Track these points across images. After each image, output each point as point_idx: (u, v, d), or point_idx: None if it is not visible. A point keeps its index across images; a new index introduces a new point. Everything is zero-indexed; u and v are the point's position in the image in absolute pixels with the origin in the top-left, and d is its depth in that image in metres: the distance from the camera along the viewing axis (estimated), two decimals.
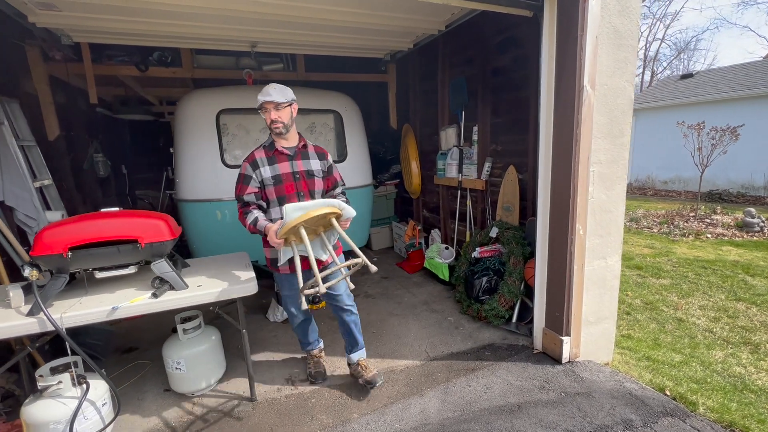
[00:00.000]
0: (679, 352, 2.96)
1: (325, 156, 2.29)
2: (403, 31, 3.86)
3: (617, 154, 2.47)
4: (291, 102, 2.11)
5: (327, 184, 2.30)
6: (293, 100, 2.12)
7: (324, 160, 2.27)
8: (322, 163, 2.26)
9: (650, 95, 13.41)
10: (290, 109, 2.12)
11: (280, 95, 2.04)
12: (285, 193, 2.14)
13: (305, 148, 2.23)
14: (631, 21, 2.30)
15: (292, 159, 2.17)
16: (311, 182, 2.19)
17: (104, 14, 2.92)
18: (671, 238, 6.33)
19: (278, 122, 2.07)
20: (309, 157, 2.22)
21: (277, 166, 2.14)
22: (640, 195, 11.66)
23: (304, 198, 2.15)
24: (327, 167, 2.28)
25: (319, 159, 2.25)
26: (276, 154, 2.15)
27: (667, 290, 4.22)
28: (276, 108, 2.05)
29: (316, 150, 2.28)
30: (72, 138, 4.32)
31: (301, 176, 2.17)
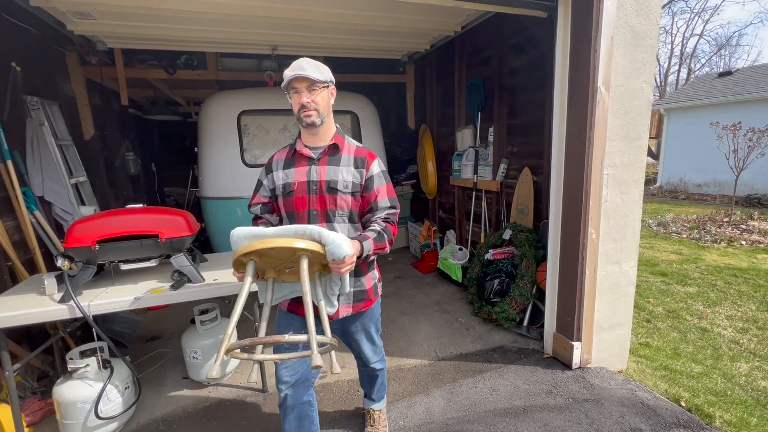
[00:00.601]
0: (700, 363, 2.85)
1: (367, 163, 1.59)
2: (419, 32, 3.89)
3: (634, 157, 2.41)
4: (329, 83, 1.54)
5: (361, 204, 1.60)
6: (332, 82, 1.55)
7: (362, 168, 1.57)
8: (358, 172, 1.57)
9: (684, 94, 12.80)
10: (327, 92, 1.54)
11: (315, 71, 1.47)
12: (295, 209, 1.57)
13: (336, 150, 1.58)
14: (649, 21, 2.24)
15: (314, 163, 1.57)
16: (331, 199, 1.54)
17: (136, 22, 3.10)
18: (701, 244, 6.05)
19: (310, 108, 1.49)
20: (339, 162, 1.57)
21: (293, 170, 1.58)
22: (671, 198, 11.17)
23: (317, 220, 1.55)
24: (366, 179, 1.57)
25: (354, 167, 1.57)
26: (296, 155, 1.60)
27: (692, 298, 4.05)
28: (309, 88, 1.48)
29: (356, 154, 1.60)
30: (105, 137, 4.59)
31: (318, 188, 1.54)
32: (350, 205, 1.57)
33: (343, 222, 1.58)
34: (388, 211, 1.59)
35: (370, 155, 1.61)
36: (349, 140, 1.64)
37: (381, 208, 1.59)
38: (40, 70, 3.33)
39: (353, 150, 1.61)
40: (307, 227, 1.33)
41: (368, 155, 1.60)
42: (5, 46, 2.84)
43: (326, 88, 1.53)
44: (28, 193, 2.86)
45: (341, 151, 1.58)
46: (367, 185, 1.58)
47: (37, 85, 3.23)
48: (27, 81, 3.01)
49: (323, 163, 1.57)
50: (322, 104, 1.52)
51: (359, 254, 1.42)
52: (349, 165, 1.57)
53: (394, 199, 1.63)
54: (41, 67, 3.35)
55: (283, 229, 1.34)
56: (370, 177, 1.58)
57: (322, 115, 1.53)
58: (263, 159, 4.05)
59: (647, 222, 7.57)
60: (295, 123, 4.14)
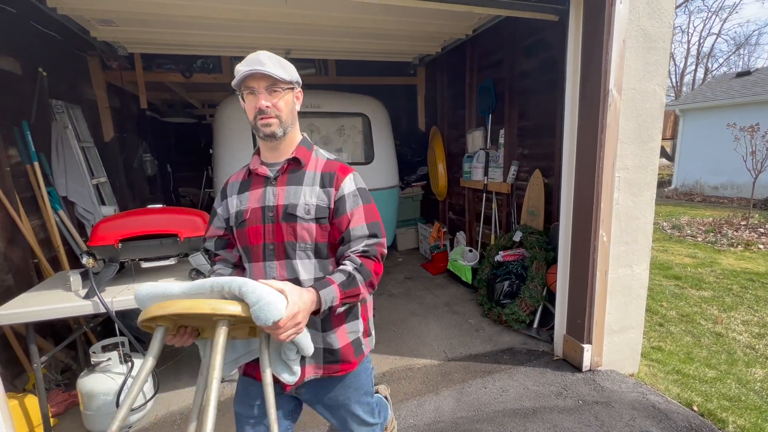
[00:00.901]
0: (714, 368, 2.81)
1: (336, 179, 1.20)
2: (431, 35, 3.92)
3: (646, 160, 2.41)
4: (295, 85, 1.19)
5: (330, 234, 1.20)
6: (298, 83, 1.21)
7: (329, 187, 1.19)
8: (325, 192, 1.18)
9: (700, 94, 12.56)
10: (292, 96, 1.20)
11: (278, 68, 1.13)
12: (249, 243, 1.21)
13: (298, 165, 1.21)
14: (662, 23, 2.24)
15: (271, 184, 1.20)
16: (289, 228, 1.16)
17: (155, 28, 3.20)
18: (717, 248, 5.94)
19: (270, 115, 1.13)
20: (302, 180, 1.20)
21: (247, 195, 1.23)
22: (686, 201, 10.96)
23: (274, 256, 1.18)
24: (335, 201, 1.18)
25: (320, 185, 1.19)
26: (252, 176, 1.25)
27: (707, 303, 3.99)
28: (270, 89, 1.13)
29: (324, 169, 1.22)
30: (124, 139, 4.73)
31: (275, 215, 1.17)
32: (314, 235, 1.17)
33: (307, 258, 1.18)
34: (366, 241, 1.16)
35: (342, 169, 1.22)
36: (319, 152, 1.27)
37: (356, 237, 1.16)
38: (64, 74, 3.46)
39: (321, 164, 1.22)
40: (226, 281, 0.96)
41: (339, 169, 1.21)
42: (33, 52, 2.97)
43: (291, 91, 1.19)
44: (52, 193, 2.98)
45: (305, 166, 1.21)
46: (337, 208, 1.17)
47: (62, 89, 3.36)
48: (52, 85, 3.13)
49: (281, 183, 1.19)
50: (286, 110, 1.16)
51: (317, 308, 1.04)
52: (314, 184, 1.19)
53: (376, 224, 1.20)
54: (65, 72, 3.49)
55: (196, 285, 0.99)
56: (341, 198, 1.17)
57: (285, 124, 1.17)
58: None
59: (661, 225, 7.46)
60: (307, 125, 4.22)
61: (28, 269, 2.65)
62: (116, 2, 2.65)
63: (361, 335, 1.29)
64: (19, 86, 2.82)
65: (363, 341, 1.30)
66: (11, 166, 2.63)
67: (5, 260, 2.47)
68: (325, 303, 1.04)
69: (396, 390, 2.47)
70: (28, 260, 2.65)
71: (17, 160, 2.74)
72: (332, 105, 4.28)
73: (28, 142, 2.75)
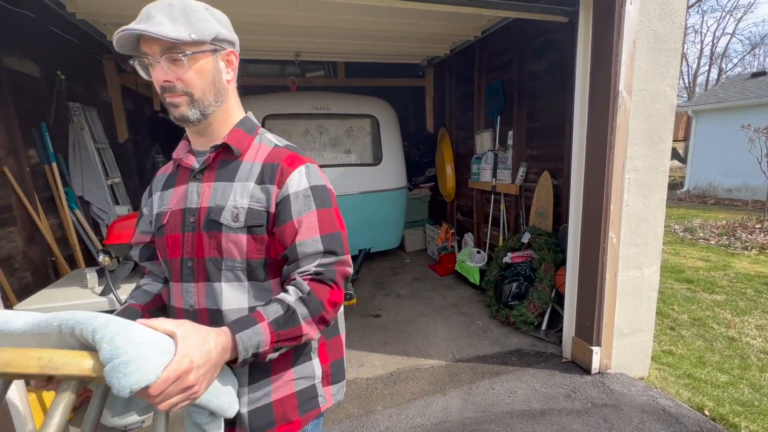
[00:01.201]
0: (726, 373, 2.77)
1: (280, 173, 0.86)
2: (439, 37, 3.94)
3: (656, 161, 2.39)
4: (212, 44, 0.82)
5: (271, 248, 0.88)
6: (221, 42, 0.84)
7: (270, 183, 0.86)
8: (263, 190, 0.86)
9: (714, 95, 12.34)
10: (212, 60, 0.83)
11: (177, 23, 0.77)
12: (168, 257, 0.92)
13: (231, 154, 0.90)
14: (673, 24, 2.22)
15: (196, 178, 0.91)
16: (211, 241, 0.86)
17: None
18: (731, 251, 5.84)
19: (176, 93, 0.81)
20: (234, 174, 0.88)
21: (170, 192, 0.94)
22: (699, 203, 10.77)
23: (194, 278, 0.89)
24: (277, 203, 0.86)
25: (258, 181, 0.87)
26: (179, 167, 0.96)
27: (719, 306, 3.93)
28: (169, 56, 0.78)
29: (267, 159, 0.89)
30: (138, 141, 4.83)
31: (197, 221, 0.88)
32: (246, 250, 0.84)
33: (237, 280, 0.86)
34: (321, 260, 0.83)
35: (291, 159, 0.87)
36: (264, 137, 0.92)
37: (305, 255, 0.83)
38: (81, 77, 3.55)
39: (264, 153, 0.88)
40: (79, 318, 0.61)
41: (286, 159, 0.86)
42: (52, 56, 3.05)
43: (208, 55, 0.81)
44: (69, 192, 3.06)
45: (241, 155, 0.88)
46: (279, 213, 0.84)
47: (78, 92, 3.45)
48: (69, 88, 3.22)
49: (209, 178, 0.88)
50: (200, 83, 0.81)
51: (233, 357, 0.73)
52: (249, 179, 0.86)
53: (336, 237, 0.86)
54: (82, 75, 3.58)
55: (42, 321, 0.63)
56: (285, 198, 0.84)
57: (202, 102, 0.82)
58: None
59: (673, 227, 7.35)
60: (317, 126, 4.27)
61: (46, 267, 2.72)
62: (133, 7, 2.71)
63: (317, 382, 0.93)
64: (38, 89, 2.90)
65: (320, 391, 0.93)
66: (30, 167, 2.71)
67: (24, 258, 2.54)
68: (245, 350, 0.73)
69: (403, 390, 2.49)
70: (46, 258, 2.73)
71: (36, 160, 2.82)
72: (341, 107, 4.32)
73: (46, 144, 2.83)
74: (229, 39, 0.86)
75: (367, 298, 4.02)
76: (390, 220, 4.69)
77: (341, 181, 4.28)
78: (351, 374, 2.69)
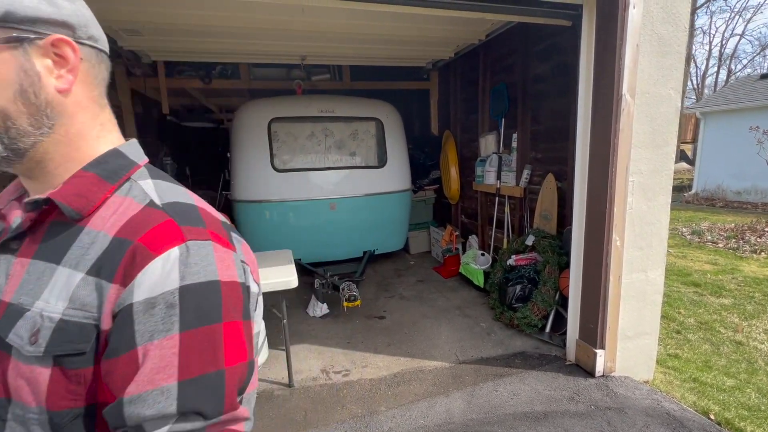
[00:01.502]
0: (733, 377, 2.75)
1: (134, 256, 0.46)
2: (444, 41, 3.97)
3: (660, 164, 2.39)
4: (15, 27, 0.45)
5: (97, 392, 0.47)
6: (22, 24, 0.45)
7: (106, 279, 0.46)
8: (93, 288, 0.46)
9: (722, 97, 12.22)
10: (11, 58, 0.45)
11: None
12: None
13: (63, 218, 0.50)
14: (676, 27, 2.23)
15: (8, 249, 0.52)
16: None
17: (179, 37, 3.34)
18: (739, 255, 5.77)
19: None
20: (61, 252, 0.49)
21: None
22: (707, 206, 10.65)
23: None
24: (114, 314, 0.45)
25: (92, 271, 0.47)
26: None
27: (727, 310, 3.89)
28: None
29: (121, 229, 0.48)
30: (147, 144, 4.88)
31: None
32: (45, 394, 0.47)
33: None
34: (173, 427, 0.44)
35: (160, 233, 0.48)
36: (137, 185, 0.54)
37: (137, 420, 0.44)
38: None
39: (125, 216, 0.50)
40: None
41: (150, 234, 0.48)
42: None
43: (9, 48, 0.46)
44: None
45: (83, 217, 0.51)
46: (112, 335, 0.46)
47: None
48: None
49: (27, 252, 0.52)
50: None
51: None
52: (79, 265, 0.49)
53: (211, 381, 0.46)
54: None
55: None
56: (126, 309, 0.45)
57: (3, 128, 0.47)
58: (291, 164, 4.22)
59: (680, 230, 7.28)
60: (322, 129, 4.32)
61: None
62: (143, 14, 2.78)
63: None
64: None
65: None
66: None
67: None
68: None
69: (407, 391, 2.50)
70: None
71: None
72: (346, 109, 4.36)
73: None
74: (52, 18, 0.48)
75: (371, 300, 4.05)
76: (394, 223, 4.71)
77: (346, 183, 4.32)
78: (355, 375, 2.71)
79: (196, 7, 2.78)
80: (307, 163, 4.26)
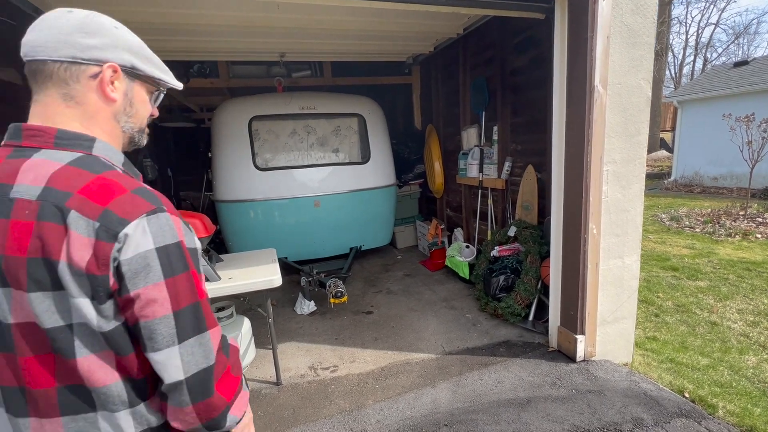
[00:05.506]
0: (707, 356, 2.86)
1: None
2: (423, 35, 3.97)
3: (633, 153, 2.46)
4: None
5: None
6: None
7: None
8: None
9: (698, 85, 12.53)
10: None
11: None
12: None
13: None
14: (645, 18, 2.28)
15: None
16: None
17: (154, 36, 3.26)
18: (715, 238, 5.97)
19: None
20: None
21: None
22: (686, 193, 10.95)
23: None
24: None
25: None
26: None
27: (703, 293, 4.03)
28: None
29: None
30: None
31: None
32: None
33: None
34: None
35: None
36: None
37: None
38: None
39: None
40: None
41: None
42: None
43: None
44: None
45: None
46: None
47: None
48: None
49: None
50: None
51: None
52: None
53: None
54: None
55: None
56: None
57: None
58: (274, 163, 4.19)
59: (660, 217, 7.48)
60: (304, 126, 4.28)
61: None
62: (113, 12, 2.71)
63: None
64: (19, 96, 2.88)
65: None
66: None
67: None
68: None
69: (394, 383, 2.54)
70: None
71: None
72: (327, 106, 4.34)
73: None
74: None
75: (359, 296, 4.07)
76: (380, 218, 4.73)
77: (330, 180, 4.31)
78: (343, 370, 2.73)
79: (170, 5, 2.72)
80: (290, 160, 4.24)
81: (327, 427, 2.18)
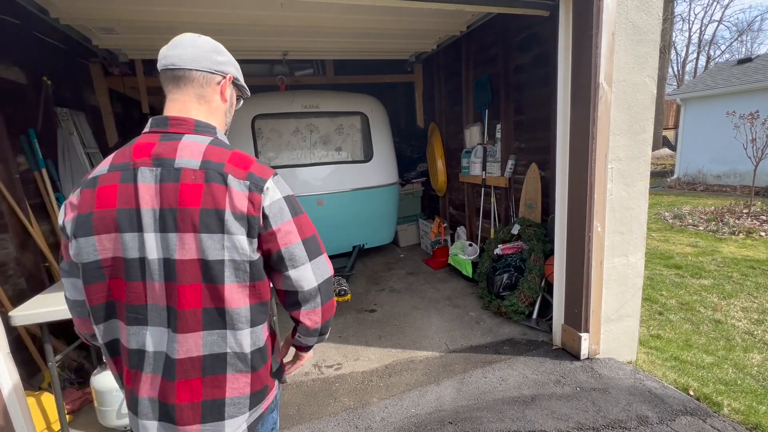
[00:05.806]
0: (712, 354, 2.86)
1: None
2: (425, 33, 3.96)
3: (638, 151, 2.45)
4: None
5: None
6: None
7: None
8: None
9: (701, 83, 12.46)
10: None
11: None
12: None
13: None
14: (650, 15, 2.27)
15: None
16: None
17: (155, 34, 3.27)
18: (718, 237, 5.95)
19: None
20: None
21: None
22: (689, 191, 10.91)
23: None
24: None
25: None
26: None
27: (707, 291, 4.02)
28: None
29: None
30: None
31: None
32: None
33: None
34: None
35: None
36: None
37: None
38: (68, 82, 3.54)
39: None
40: None
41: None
42: (37, 62, 3.04)
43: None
44: (60, 198, 3.06)
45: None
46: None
47: (66, 96, 3.43)
48: (56, 93, 3.21)
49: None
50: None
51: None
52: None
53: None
54: (68, 80, 3.56)
55: None
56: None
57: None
58: (277, 161, 4.19)
59: (663, 215, 7.46)
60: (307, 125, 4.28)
61: (40, 273, 2.73)
62: (116, 11, 2.72)
63: None
64: (24, 95, 2.89)
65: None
66: (20, 174, 2.71)
67: (18, 265, 2.55)
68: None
69: (398, 381, 2.54)
70: (39, 264, 2.74)
71: (25, 167, 2.82)
72: (330, 104, 4.34)
73: (35, 150, 2.83)
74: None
75: (362, 294, 4.07)
76: (383, 216, 4.73)
77: (333, 179, 4.31)
78: (347, 368, 2.74)
79: (171, 4, 2.72)
80: (293, 159, 4.24)
81: (332, 424, 2.18)
